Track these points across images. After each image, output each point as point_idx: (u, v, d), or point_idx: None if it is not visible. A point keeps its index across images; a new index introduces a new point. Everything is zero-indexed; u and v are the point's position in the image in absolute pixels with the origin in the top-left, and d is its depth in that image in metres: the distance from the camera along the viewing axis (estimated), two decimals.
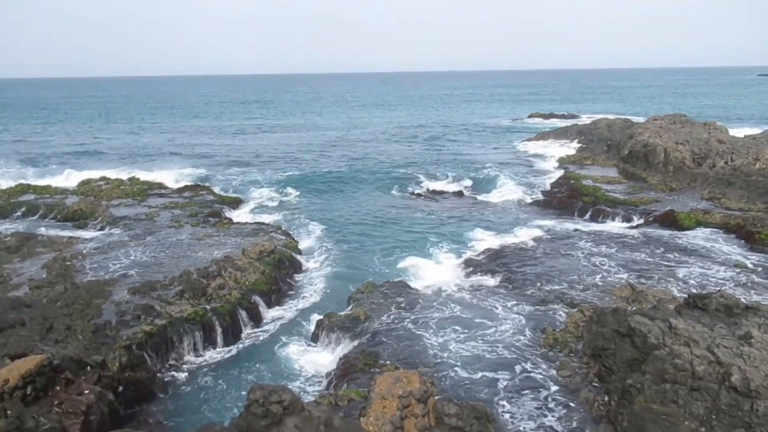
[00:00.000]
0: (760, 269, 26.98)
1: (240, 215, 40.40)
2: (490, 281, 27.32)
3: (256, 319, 24.76)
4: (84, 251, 29.21)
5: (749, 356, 15.22)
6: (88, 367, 17.15)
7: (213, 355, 22.29)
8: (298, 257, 31.41)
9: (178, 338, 21.50)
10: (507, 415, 16.99)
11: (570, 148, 64.89)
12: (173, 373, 20.84)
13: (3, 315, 18.95)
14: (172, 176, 51.05)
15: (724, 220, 34.12)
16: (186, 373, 20.97)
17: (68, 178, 50.96)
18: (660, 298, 22.95)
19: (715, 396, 14.59)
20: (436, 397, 15.68)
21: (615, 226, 35.97)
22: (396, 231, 36.05)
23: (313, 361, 21.77)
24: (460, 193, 46.74)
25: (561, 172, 50.68)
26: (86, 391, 15.50)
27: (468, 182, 49.36)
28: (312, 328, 23.47)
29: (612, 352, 18.18)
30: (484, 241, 33.70)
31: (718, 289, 23.71)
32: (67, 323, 20.15)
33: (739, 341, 16.29)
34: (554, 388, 18.27)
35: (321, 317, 23.46)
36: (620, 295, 23.90)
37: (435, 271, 29.23)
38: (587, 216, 38.91)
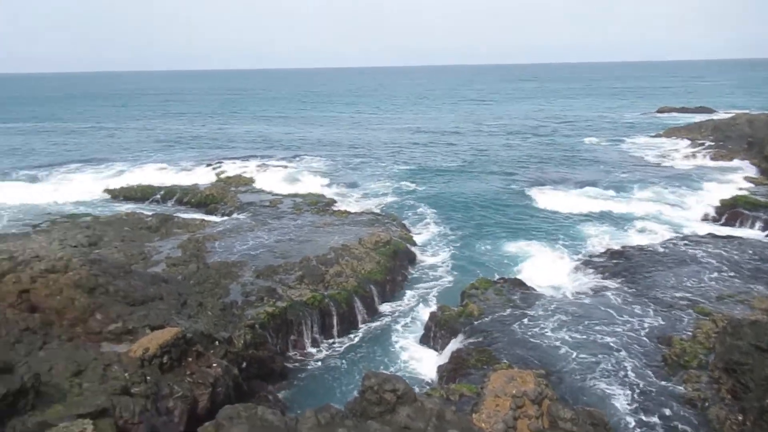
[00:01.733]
0: None
1: (357, 205, 41.30)
2: (611, 283, 26.06)
3: (370, 308, 25.28)
4: (214, 233, 31.18)
5: None
6: (216, 342, 18.31)
7: (328, 339, 23.07)
8: (413, 249, 31.66)
9: (297, 321, 22.41)
10: (624, 426, 16.18)
11: (704, 145, 60.22)
12: (291, 353, 21.81)
13: (145, 289, 20.68)
14: (296, 165, 53.34)
15: None
16: (303, 355, 21.89)
17: (203, 166, 54.57)
18: None
19: None
20: (551, 400, 15.24)
21: (754, 234, 33.03)
22: (512, 228, 35.33)
23: (425, 354, 21.91)
24: (578, 190, 44.79)
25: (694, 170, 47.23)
26: (214, 365, 16.55)
27: (589, 179, 47.28)
28: (425, 320, 23.57)
29: (749, 368, 16.74)
30: (605, 241, 32.22)
31: None
32: (199, 300, 21.64)
33: None
34: (679, 402, 17.14)
35: (434, 310, 23.51)
36: (759, 307, 21.94)
37: (552, 270, 28.33)
38: (723, 219, 36.03)
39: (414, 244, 32.63)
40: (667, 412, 16.74)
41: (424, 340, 22.70)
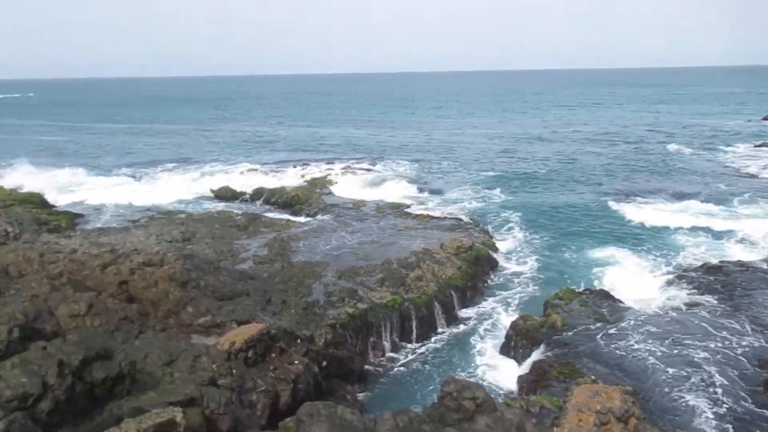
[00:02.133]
0: None
1: (440, 210, 41.15)
2: (706, 299, 24.56)
3: (450, 314, 25.11)
4: (299, 234, 31.96)
5: None
6: (299, 340, 18.75)
7: (407, 342, 23.11)
8: (496, 256, 31.18)
9: (376, 323, 22.58)
10: None
11: None
12: (370, 354, 22.00)
13: (233, 285, 21.48)
14: (380, 168, 53.91)
15: None
16: (381, 357, 22.03)
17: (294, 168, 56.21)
18: None
19: None
20: (638, 419, 14.56)
21: None
22: (599, 238, 34.03)
23: (505, 363, 21.51)
24: (672, 201, 42.56)
25: None
26: (296, 362, 16.94)
27: (683, 190, 44.90)
28: (505, 328, 23.14)
29: None
30: (700, 255, 30.47)
31: None
32: (283, 298, 22.24)
33: None
34: None
35: (516, 319, 23.03)
36: None
37: (642, 283, 27.09)
38: None
39: (496, 250, 32.13)
40: None
41: (504, 349, 22.28)
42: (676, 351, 20.01)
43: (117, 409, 12.42)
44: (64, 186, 49.41)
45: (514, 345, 22.06)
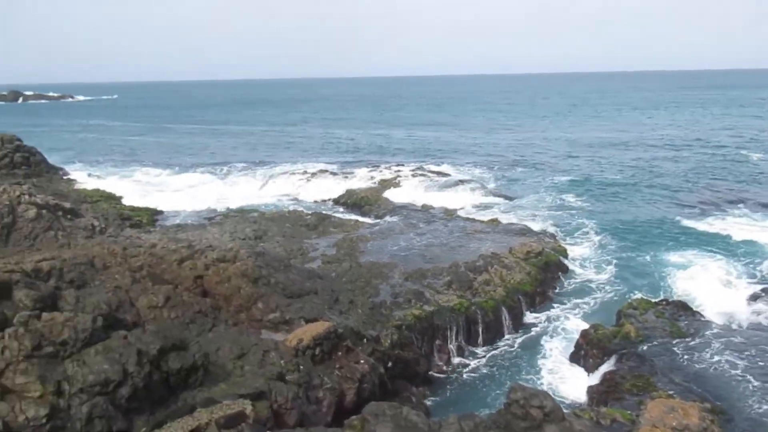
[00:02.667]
0: None
1: (510, 214, 40.49)
2: None
3: (518, 319, 24.68)
4: (367, 234, 32.23)
5: None
6: (365, 340, 18.92)
7: (473, 347, 22.88)
8: (566, 262, 30.40)
9: (442, 326, 22.46)
10: None
11: None
12: (436, 357, 21.90)
13: (302, 283, 21.91)
14: (451, 171, 53.82)
15: None
16: (447, 360, 21.90)
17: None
18: None
19: None
20: None
21: None
22: (677, 248, 32.40)
23: (574, 373, 20.93)
24: (756, 211, 40.03)
25: None
26: (362, 361, 17.10)
27: (741, 193, 42.44)
28: (575, 337, 22.49)
29: None
30: None
31: None
32: (350, 297, 22.48)
33: None
34: None
35: (586, 328, 22.35)
36: None
37: (724, 296, 25.72)
38: None
39: (567, 256, 31.31)
40: None
41: (574, 358, 21.67)
42: (760, 370, 18.91)
43: (191, 399, 12.91)
44: (147, 183, 51.90)
45: (584, 354, 21.42)
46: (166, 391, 12.93)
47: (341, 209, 43.59)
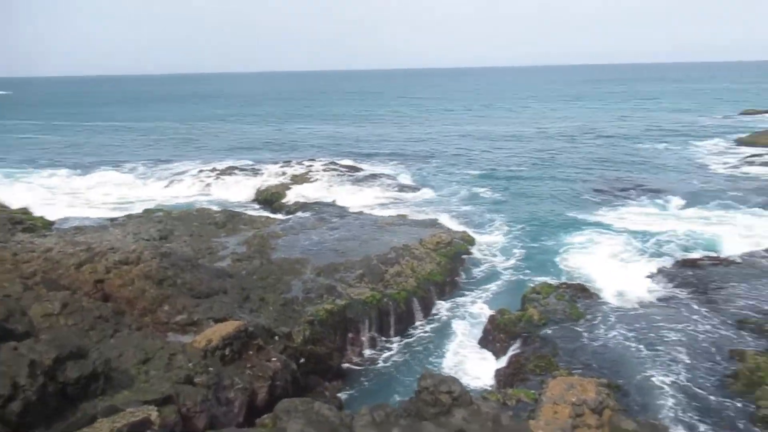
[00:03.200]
0: None
1: (420, 206, 41.25)
2: (681, 293, 24.95)
3: (429, 309, 25.25)
4: (278, 231, 31.84)
5: None
6: (276, 337, 18.74)
7: (386, 338, 23.18)
8: (475, 251, 31.37)
9: (355, 319, 22.62)
10: None
11: None
12: (349, 351, 22.04)
13: (210, 282, 21.37)
14: (363, 165, 54.10)
15: None
16: (360, 353, 22.10)
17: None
18: None
19: None
20: (613, 410, 14.77)
21: None
22: (577, 234, 34.20)
23: (482, 357, 21.69)
24: (646, 198, 42.93)
25: None
26: (274, 359, 16.92)
27: (659, 187, 45.47)
28: (483, 323, 23.31)
29: None
30: (674, 250, 30.83)
31: None
32: (261, 295, 22.17)
33: None
34: (751, 419, 16.27)
35: (493, 314, 23.22)
36: None
37: (618, 277, 27.29)
38: None
39: (475, 245, 32.31)
40: (734, 427, 15.95)
41: (482, 344, 22.45)
42: (650, 344, 20.34)
43: (91, 409, 12.30)
44: (43, 185, 48.84)
45: (492, 339, 22.24)
46: (63, 403, 12.25)
47: (252, 206, 42.84)
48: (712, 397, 17.46)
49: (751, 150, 60.68)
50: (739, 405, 16.95)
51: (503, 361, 20.43)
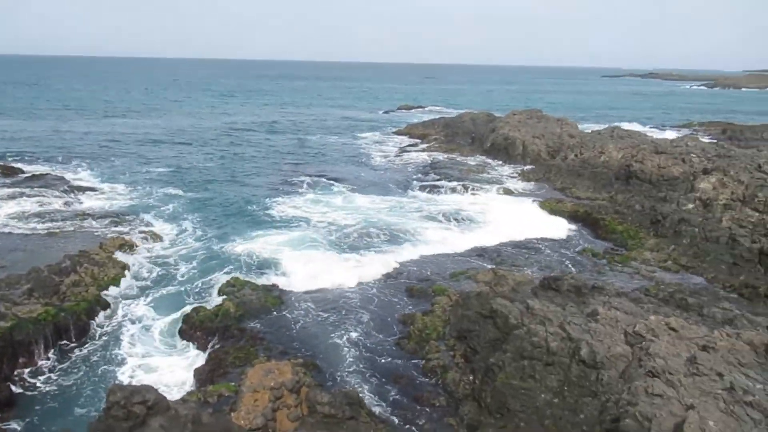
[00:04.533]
0: (604, 253, 29.75)
1: (98, 205, 37.48)
2: (365, 273, 27.39)
3: (116, 317, 23.24)
4: None
5: (595, 331, 16.71)
6: None
7: (67, 357, 20.63)
8: (161, 249, 29.83)
9: (26, 341, 19.66)
10: (377, 400, 17.44)
11: (436, 140, 66.71)
12: (24, 377, 19.11)
13: None
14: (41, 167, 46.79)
15: (574, 208, 37.11)
16: (35, 377, 19.30)
17: None
18: (519, 281, 24.52)
19: (567, 369, 15.88)
20: (309, 387, 15.70)
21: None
22: (264, 226, 34.54)
23: (181, 358, 20.88)
24: (326, 185, 46.15)
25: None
26: None
27: (338, 176, 49.51)
28: (179, 324, 22.39)
29: (476, 334, 19.18)
30: (351, 233, 33.79)
31: (570, 272, 25.83)
32: None
33: (587, 318, 17.83)
34: (422, 372, 19.02)
35: (188, 312, 22.50)
36: (483, 280, 25.15)
37: (308, 266, 28.36)
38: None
39: (162, 242, 30.75)
40: (412, 381, 18.50)
41: (179, 345, 21.61)
42: (340, 324, 22.29)
43: None
44: None
45: (189, 338, 21.60)
46: None
47: None
48: (391, 358, 19.96)
49: (407, 140, 70.66)
50: (412, 360, 19.65)
51: (202, 359, 20.00)
